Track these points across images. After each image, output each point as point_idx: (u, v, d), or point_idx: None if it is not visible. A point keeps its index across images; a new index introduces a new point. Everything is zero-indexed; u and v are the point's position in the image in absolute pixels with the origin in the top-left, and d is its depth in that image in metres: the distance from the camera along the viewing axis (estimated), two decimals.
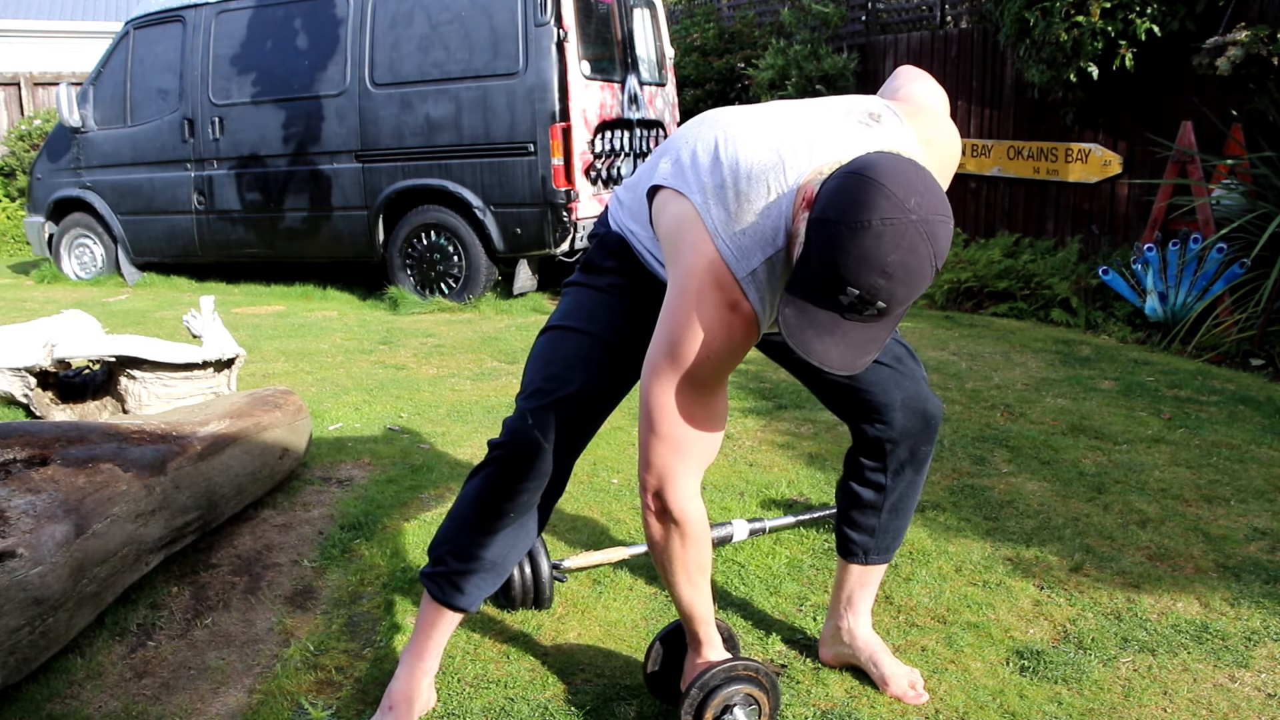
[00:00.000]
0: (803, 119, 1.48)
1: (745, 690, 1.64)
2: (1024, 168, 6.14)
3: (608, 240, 1.72)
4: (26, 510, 1.88)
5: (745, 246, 1.40)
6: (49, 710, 1.86)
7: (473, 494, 1.74)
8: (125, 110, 7.19)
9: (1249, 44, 4.48)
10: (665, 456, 1.49)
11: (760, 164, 1.41)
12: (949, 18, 7.04)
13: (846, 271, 1.24)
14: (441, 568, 1.76)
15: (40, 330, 3.64)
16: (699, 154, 1.47)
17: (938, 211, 1.25)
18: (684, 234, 1.44)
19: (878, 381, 1.75)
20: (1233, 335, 4.48)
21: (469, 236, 6.13)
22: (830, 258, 1.25)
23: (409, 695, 1.78)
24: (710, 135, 1.48)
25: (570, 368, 1.67)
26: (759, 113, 1.51)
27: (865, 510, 1.86)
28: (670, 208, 1.48)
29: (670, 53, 7.09)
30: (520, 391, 1.72)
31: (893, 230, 1.22)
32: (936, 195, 1.27)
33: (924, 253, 1.24)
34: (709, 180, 1.43)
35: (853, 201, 1.24)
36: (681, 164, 1.49)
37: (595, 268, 1.73)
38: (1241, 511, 2.69)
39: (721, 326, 1.40)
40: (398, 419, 3.70)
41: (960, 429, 3.44)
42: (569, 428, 1.68)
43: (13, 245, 10.72)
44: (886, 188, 1.24)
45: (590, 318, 1.69)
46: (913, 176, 1.26)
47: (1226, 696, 1.85)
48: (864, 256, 1.23)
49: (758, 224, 1.40)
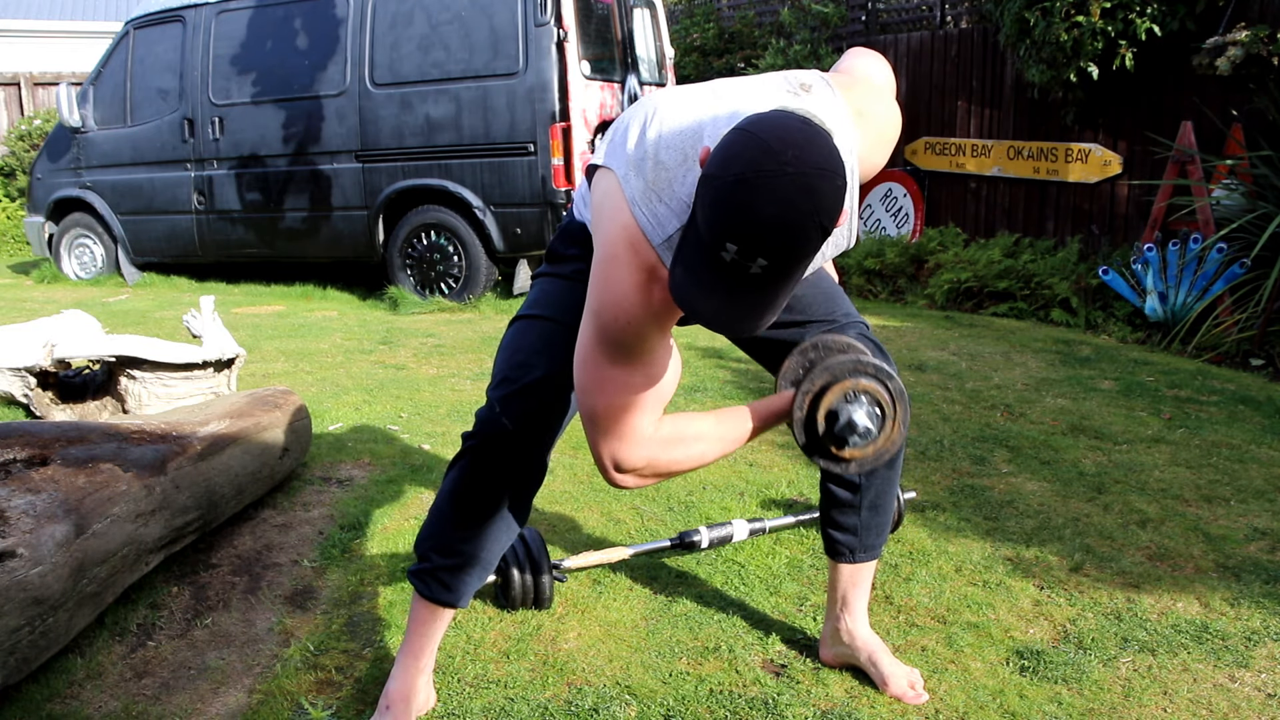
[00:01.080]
0: (730, 92, 1.47)
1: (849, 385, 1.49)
2: (1024, 168, 6.14)
3: (570, 228, 1.74)
4: (26, 510, 1.88)
5: (660, 214, 1.39)
6: (49, 710, 1.86)
7: (449, 488, 1.75)
8: (125, 110, 7.19)
9: (1249, 44, 4.48)
10: (607, 431, 1.46)
11: (679, 133, 1.41)
12: (949, 18, 7.04)
13: (724, 227, 1.19)
14: (427, 564, 1.77)
15: (40, 330, 3.64)
16: (629, 131, 1.46)
17: (819, 165, 1.18)
18: (605, 205, 1.44)
19: None
20: (1233, 335, 4.48)
21: (469, 236, 6.13)
22: (709, 214, 1.21)
23: (406, 694, 1.78)
24: (641, 113, 1.48)
25: (535, 354, 1.67)
26: (692, 89, 1.50)
27: (844, 510, 1.87)
28: (600, 184, 1.48)
29: (670, 53, 7.09)
30: (489, 383, 1.73)
31: (766, 183, 1.17)
32: (821, 150, 1.19)
33: (803, 207, 1.17)
34: (633, 153, 1.43)
35: (731, 155, 1.20)
36: (613, 142, 1.49)
37: (558, 256, 1.75)
38: (1241, 511, 2.69)
39: (638, 291, 1.39)
40: (398, 419, 3.70)
41: (960, 429, 3.44)
42: (537, 414, 1.68)
43: (13, 245, 10.72)
44: (764, 140, 1.19)
45: (554, 304, 1.70)
46: (796, 131, 1.20)
47: (1226, 696, 1.85)
48: (739, 210, 1.17)
49: (674, 192, 1.38)
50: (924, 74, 6.78)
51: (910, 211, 6.92)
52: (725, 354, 4.49)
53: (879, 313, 5.74)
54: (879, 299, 6.28)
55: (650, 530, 2.66)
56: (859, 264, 6.42)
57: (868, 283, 6.42)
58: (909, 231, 6.89)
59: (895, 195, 7.00)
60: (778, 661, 1.99)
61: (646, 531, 2.65)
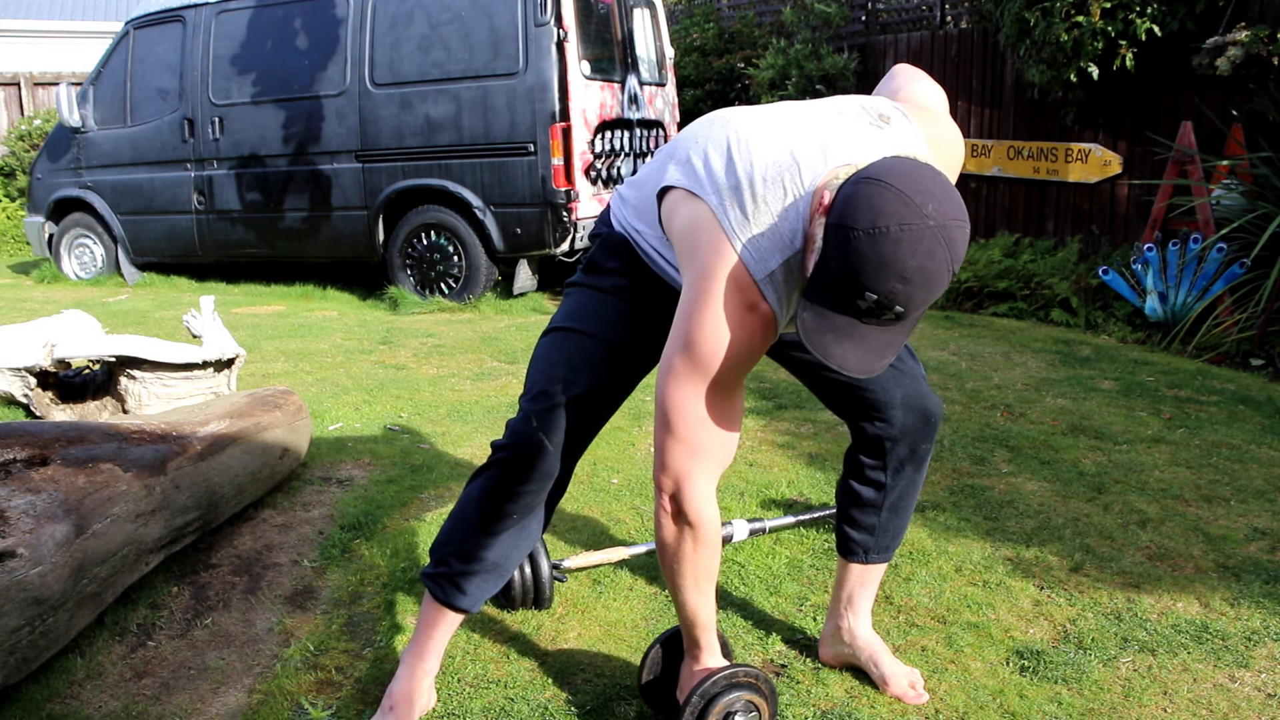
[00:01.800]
0: (813, 120, 1.48)
1: (746, 697, 1.64)
2: (1024, 168, 6.14)
3: (610, 240, 1.72)
4: (26, 510, 1.88)
5: (763, 248, 1.40)
6: (49, 710, 1.86)
7: (475, 495, 1.74)
8: (125, 110, 7.19)
9: (1249, 44, 4.48)
10: (682, 459, 1.48)
11: (775, 165, 1.41)
12: (949, 18, 7.04)
13: (865, 277, 1.26)
14: (444, 568, 1.76)
15: (40, 330, 3.64)
16: (711, 155, 1.46)
17: (954, 217, 1.27)
18: (700, 235, 1.44)
19: (878, 380, 1.75)
20: (1233, 335, 4.48)
21: (469, 236, 6.13)
22: (849, 263, 1.27)
23: (409, 695, 1.78)
24: (721, 136, 1.48)
25: (574, 370, 1.66)
26: (769, 113, 1.51)
27: (865, 509, 1.87)
28: (684, 209, 1.47)
29: (670, 53, 7.09)
30: (524, 393, 1.71)
31: (911, 236, 1.24)
32: (954, 201, 1.28)
33: (941, 258, 1.26)
34: (724, 181, 1.43)
35: (871, 207, 1.25)
36: (693, 165, 1.48)
37: (598, 268, 1.73)
38: (1241, 511, 2.69)
39: (740, 328, 1.41)
40: (398, 419, 3.70)
41: (960, 429, 3.44)
42: (572, 430, 1.67)
43: (13, 245, 10.72)
44: (905, 194, 1.25)
45: (594, 319, 1.69)
46: (929, 182, 1.27)
47: (1226, 696, 1.85)
48: (882, 262, 1.24)
49: (775, 226, 1.40)
50: None
51: None
52: None
53: None
54: None
55: (650, 530, 2.66)
56: None
57: None
58: None
59: None
60: (778, 661, 1.99)
61: (646, 531, 2.65)
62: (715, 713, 1.61)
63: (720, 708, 1.61)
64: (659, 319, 1.62)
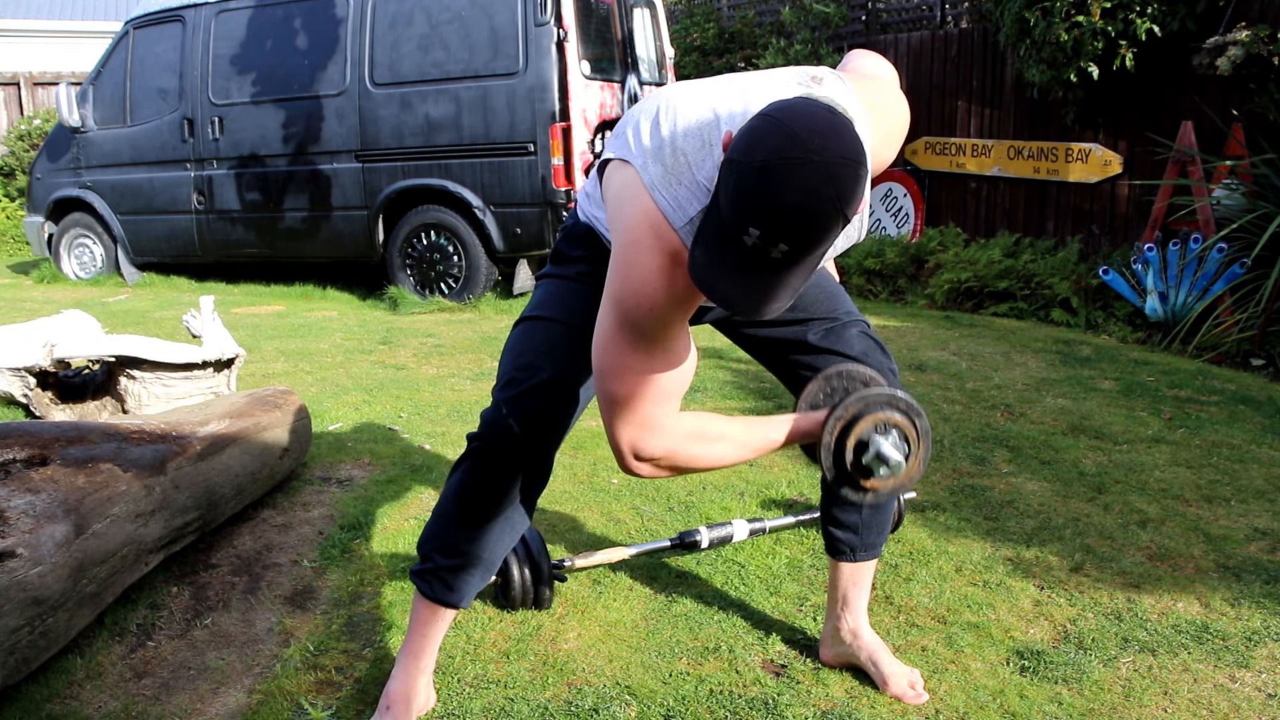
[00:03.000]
0: (746, 83, 1.48)
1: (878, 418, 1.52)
2: (1024, 168, 6.14)
3: (575, 230, 1.74)
4: (26, 510, 1.87)
5: (681, 198, 1.39)
6: (49, 710, 1.86)
7: (454, 489, 1.75)
8: (125, 110, 7.19)
9: (1249, 44, 4.48)
10: (627, 418, 1.46)
11: (696, 121, 1.42)
12: (949, 18, 7.04)
13: (747, 212, 1.21)
14: (430, 565, 1.77)
15: (40, 330, 3.64)
16: (641, 123, 1.47)
17: (844, 155, 1.20)
18: (624, 195, 1.44)
19: None
20: (1233, 335, 4.48)
21: (469, 236, 6.13)
22: (733, 198, 1.23)
23: (406, 694, 1.78)
24: (653, 106, 1.49)
25: (541, 355, 1.67)
26: (702, 82, 1.51)
27: (846, 508, 1.88)
28: (615, 177, 1.48)
29: (670, 53, 7.09)
30: (495, 384, 1.73)
31: (791, 169, 1.18)
32: (845, 139, 1.21)
33: (826, 194, 1.19)
34: (649, 143, 1.43)
35: (756, 141, 1.21)
36: (625, 136, 1.49)
37: (563, 257, 1.75)
38: (1242, 511, 2.69)
39: (661, 274, 1.39)
40: (398, 419, 3.70)
41: (960, 429, 3.44)
42: (544, 416, 1.68)
43: (12, 245, 10.72)
44: (790, 127, 1.20)
45: (560, 306, 1.70)
46: (822, 119, 1.22)
47: (1227, 697, 1.85)
48: (763, 195, 1.19)
49: (693, 177, 1.40)
50: (924, 74, 6.78)
51: (910, 211, 6.92)
52: (725, 354, 4.49)
53: (879, 313, 5.74)
54: (879, 299, 6.28)
55: (650, 530, 2.65)
56: (859, 264, 6.42)
57: (868, 282, 6.42)
58: (909, 231, 6.89)
59: (895, 195, 7.00)
60: (778, 661, 1.99)
61: (646, 531, 2.65)
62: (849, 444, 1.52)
63: (853, 439, 1.52)
64: None
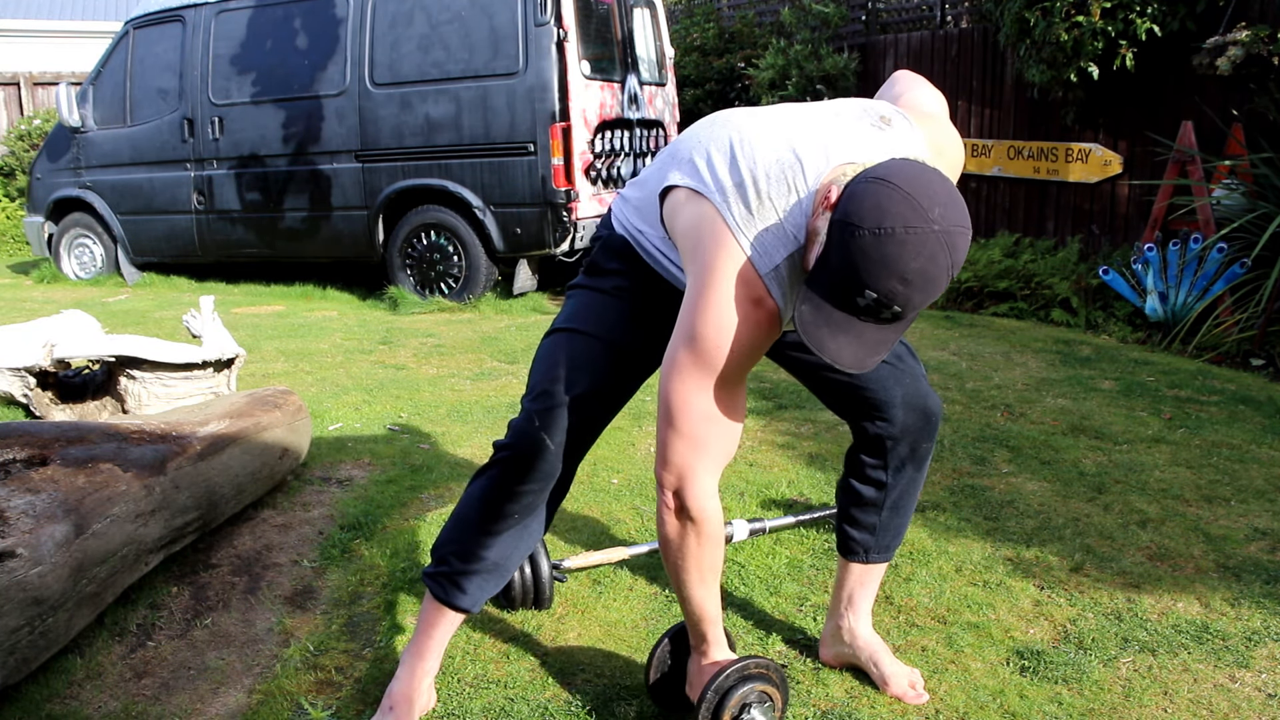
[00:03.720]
0: (814, 120, 1.49)
1: (760, 688, 1.64)
2: (1024, 167, 6.14)
3: (611, 242, 1.73)
4: (26, 510, 1.87)
5: (767, 244, 1.41)
6: (49, 710, 1.86)
7: (477, 495, 1.75)
8: (125, 110, 7.18)
9: (1249, 43, 4.48)
10: (685, 454, 1.49)
11: (778, 163, 1.43)
12: (949, 18, 7.04)
13: (867, 275, 1.27)
14: (444, 568, 1.76)
15: (40, 330, 3.64)
16: (714, 155, 1.48)
17: (959, 223, 1.29)
18: (704, 232, 1.45)
19: (878, 379, 1.75)
20: (1233, 335, 4.48)
21: (469, 236, 6.13)
22: (851, 260, 1.28)
23: (409, 695, 1.78)
24: (724, 136, 1.49)
25: (576, 370, 1.67)
26: (771, 114, 1.52)
27: (866, 508, 1.87)
28: (688, 208, 1.48)
29: (670, 53, 7.08)
30: (526, 393, 1.72)
31: (916, 239, 1.25)
32: (958, 206, 1.30)
33: (943, 262, 1.28)
34: (728, 180, 1.44)
35: (878, 207, 1.27)
36: (696, 165, 1.49)
37: (599, 270, 1.74)
38: (1242, 511, 2.69)
39: (745, 322, 1.42)
40: (398, 419, 3.70)
41: (960, 429, 3.44)
42: (574, 430, 1.68)
43: (12, 245, 10.72)
44: (912, 197, 1.27)
45: (595, 320, 1.70)
46: (936, 187, 1.29)
47: (1227, 697, 1.85)
48: (885, 262, 1.26)
49: (779, 222, 1.42)
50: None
51: None
52: None
53: None
54: None
55: (650, 530, 2.65)
56: None
57: None
58: None
59: None
60: (778, 661, 1.99)
61: (646, 531, 2.65)
62: (730, 707, 1.61)
63: (735, 701, 1.62)
64: (660, 319, 1.62)
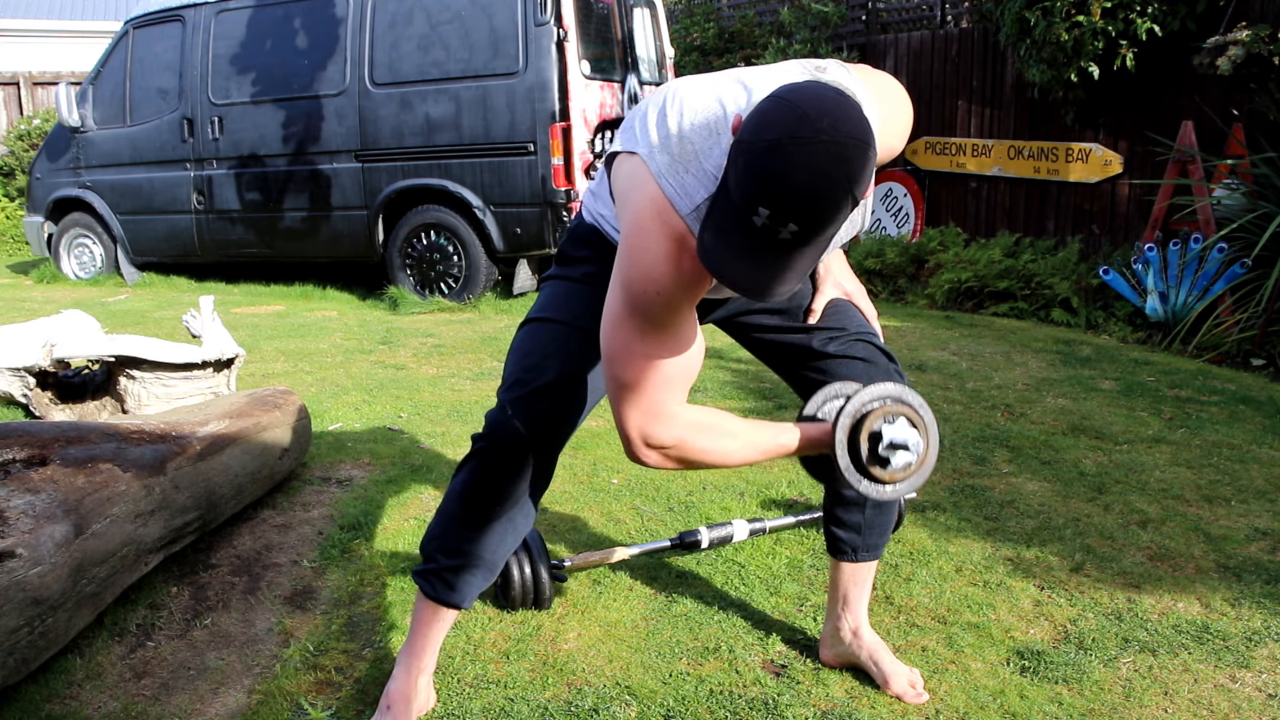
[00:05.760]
0: (747, 73, 1.50)
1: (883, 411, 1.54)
2: (1024, 167, 6.13)
3: (579, 231, 1.74)
4: (26, 510, 1.87)
5: (688, 185, 1.40)
6: (48, 711, 1.86)
7: (458, 489, 1.75)
8: (124, 110, 7.18)
9: (1250, 43, 4.48)
10: (636, 404, 1.46)
11: (704, 110, 1.43)
12: (949, 17, 7.04)
13: (757, 192, 1.22)
14: (432, 565, 1.77)
15: (40, 330, 3.63)
16: (649, 116, 1.48)
17: (853, 134, 1.21)
18: (632, 184, 1.45)
19: (852, 377, 1.75)
20: (1233, 335, 4.47)
21: (469, 236, 6.13)
22: (742, 178, 1.23)
23: (406, 695, 1.78)
24: (659, 98, 1.50)
25: (547, 357, 1.68)
26: (709, 76, 1.53)
27: (849, 508, 1.87)
28: (623, 169, 1.49)
29: (670, 52, 7.08)
30: (501, 385, 1.73)
31: (802, 150, 1.19)
32: (855, 120, 1.22)
33: (835, 175, 1.20)
34: (656, 134, 1.45)
35: (767, 121, 1.23)
36: (632, 128, 1.50)
37: (568, 259, 1.75)
38: (1242, 512, 2.69)
39: (668, 260, 1.40)
40: (398, 419, 3.70)
41: (960, 429, 3.44)
42: (549, 417, 1.68)
43: (12, 245, 10.71)
44: (800, 107, 1.21)
45: (565, 308, 1.71)
46: (831, 101, 1.23)
47: (1227, 697, 1.84)
48: (773, 175, 1.20)
49: (700, 164, 1.41)
50: (924, 74, 6.78)
51: (910, 211, 6.92)
52: (725, 354, 4.49)
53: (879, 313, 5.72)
54: (879, 299, 6.27)
55: (650, 530, 2.65)
56: (859, 264, 6.42)
57: (868, 282, 6.41)
58: (909, 231, 6.89)
59: (895, 195, 7.00)
60: (778, 661, 1.99)
61: (646, 531, 2.65)
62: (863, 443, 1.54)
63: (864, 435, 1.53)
64: None
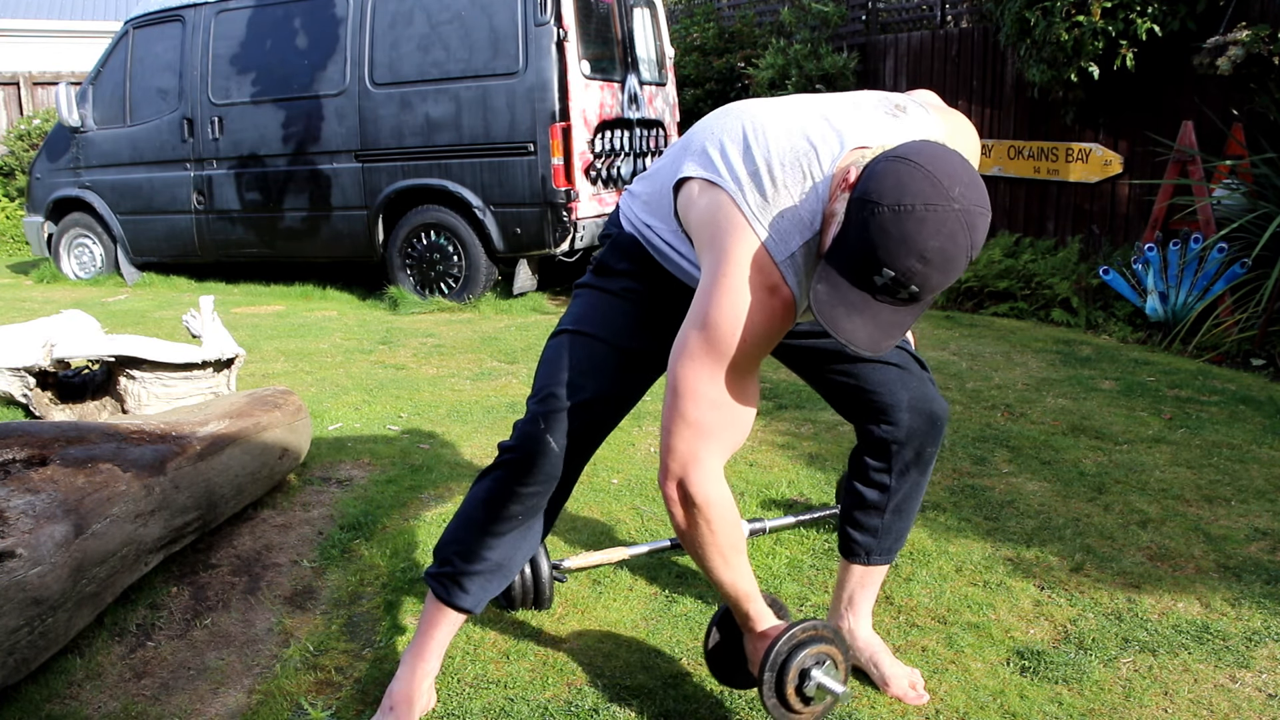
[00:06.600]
0: (829, 108, 1.49)
1: (814, 651, 1.59)
2: (1024, 167, 6.13)
3: (620, 241, 1.71)
4: (26, 510, 1.87)
5: (783, 230, 1.41)
6: (48, 711, 1.86)
7: (481, 496, 1.74)
8: (124, 110, 7.18)
9: (1250, 43, 4.48)
10: (690, 442, 1.47)
11: (793, 151, 1.43)
12: (949, 17, 7.04)
13: (885, 253, 1.26)
14: (447, 568, 1.76)
15: (40, 330, 3.63)
16: (727, 145, 1.47)
17: (979, 204, 1.28)
18: (720, 220, 1.44)
19: (884, 382, 1.75)
20: (1233, 335, 4.47)
21: (469, 236, 6.13)
22: (870, 238, 1.27)
23: (409, 695, 1.78)
24: (737, 126, 1.49)
25: (583, 374, 1.66)
26: (785, 103, 1.52)
27: (869, 511, 1.86)
28: (703, 199, 1.47)
29: (670, 52, 7.08)
30: (532, 395, 1.70)
31: (935, 217, 1.25)
32: (979, 188, 1.29)
33: (962, 242, 1.27)
34: (742, 169, 1.44)
35: (899, 185, 1.26)
36: (709, 156, 1.49)
37: (608, 270, 1.72)
38: (1242, 511, 2.69)
39: (760, 309, 1.40)
40: (398, 419, 3.69)
41: (961, 429, 3.44)
42: (580, 433, 1.67)
43: (12, 245, 10.71)
44: (933, 174, 1.26)
45: (602, 323, 1.69)
46: (957, 167, 1.29)
47: (1227, 697, 1.84)
48: (904, 240, 1.25)
49: (794, 209, 1.41)
50: (924, 74, 6.78)
51: None
52: None
53: None
54: None
55: (650, 530, 2.65)
56: None
57: None
58: None
59: None
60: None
61: (646, 531, 2.65)
62: (790, 680, 1.58)
63: (793, 672, 1.58)
64: (669, 322, 1.60)
